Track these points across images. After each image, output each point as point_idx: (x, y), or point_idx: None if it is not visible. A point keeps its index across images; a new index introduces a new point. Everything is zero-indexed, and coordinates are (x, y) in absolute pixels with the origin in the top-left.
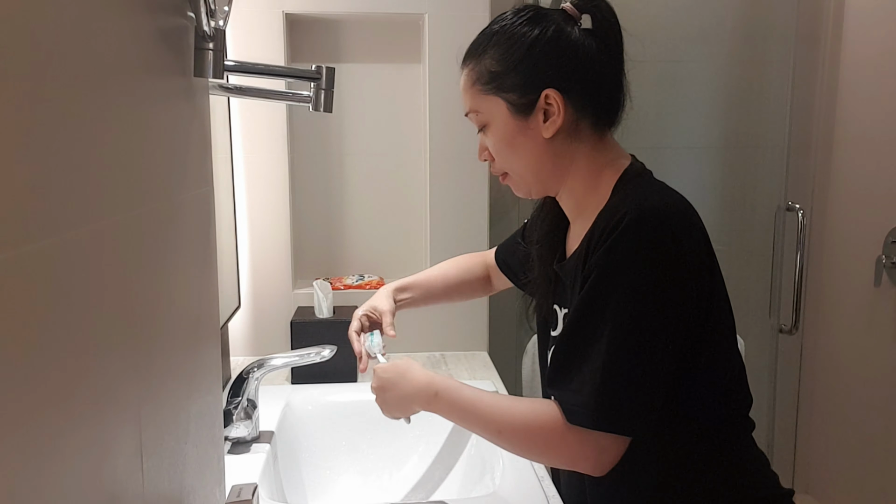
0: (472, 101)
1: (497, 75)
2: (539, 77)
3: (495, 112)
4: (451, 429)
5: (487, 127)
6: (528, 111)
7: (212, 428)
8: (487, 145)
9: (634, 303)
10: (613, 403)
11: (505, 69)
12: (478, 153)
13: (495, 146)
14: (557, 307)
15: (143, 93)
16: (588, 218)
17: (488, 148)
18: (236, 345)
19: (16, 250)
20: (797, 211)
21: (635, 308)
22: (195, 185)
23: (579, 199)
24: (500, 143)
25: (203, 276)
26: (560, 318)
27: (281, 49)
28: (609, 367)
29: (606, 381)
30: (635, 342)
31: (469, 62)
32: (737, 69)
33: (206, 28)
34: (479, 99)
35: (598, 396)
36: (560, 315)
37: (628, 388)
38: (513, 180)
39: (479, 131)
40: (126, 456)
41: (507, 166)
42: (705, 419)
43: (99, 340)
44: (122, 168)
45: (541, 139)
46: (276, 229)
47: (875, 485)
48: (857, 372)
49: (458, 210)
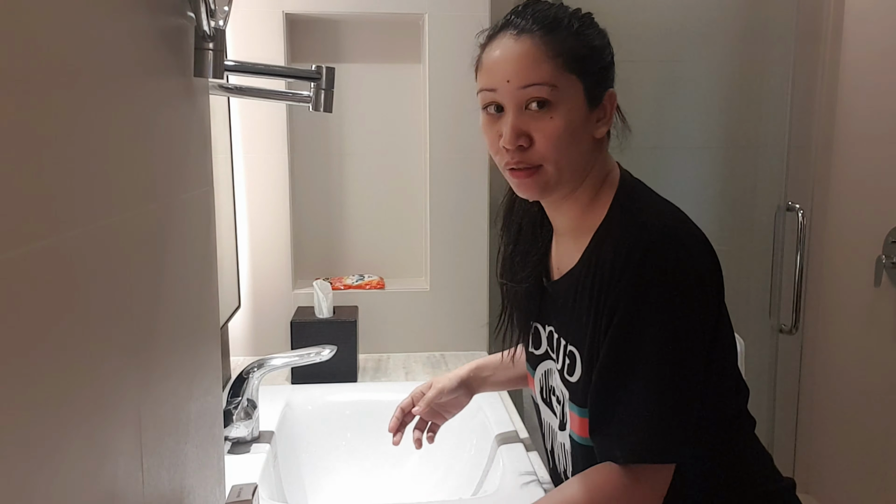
0: (552, 73)
1: (583, 58)
2: (609, 75)
3: (572, 94)
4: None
5: (554, 107)
6: (595, 104)
7: (212, 428)
8: (534, 129)
9: (670, 333)
10: (666, 434)
11: (589, 54)
12: (511, 138)
13: (555, 131)
14: (540, 325)
15: (143, 93)
16: (585, 233)
17: (531, 133)
18: (236, 345)
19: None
20: (797, 211)
21: (671, 339)
22: (195, 185)
23: (581, 211)
24: (564, 129)
25: (203, 276)
26: (544, 336)
27: (281, 49)
28: (657, 400)
29: (656, 415)
30: (676, 372)
31: (539, 32)
32: (737, 69)
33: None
34: (560, 74)
35: (651, 431)
36: (544, 333)
37: (675, 416)
38: (543, 175)
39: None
40: (126, 456)
41: (554, 156)
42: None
43: (99, 340)
44: (122, 168)
45: (590, 136)
46: (276, 229)
47: (875, 484)
48: (857, 372)
49: (458, 210)
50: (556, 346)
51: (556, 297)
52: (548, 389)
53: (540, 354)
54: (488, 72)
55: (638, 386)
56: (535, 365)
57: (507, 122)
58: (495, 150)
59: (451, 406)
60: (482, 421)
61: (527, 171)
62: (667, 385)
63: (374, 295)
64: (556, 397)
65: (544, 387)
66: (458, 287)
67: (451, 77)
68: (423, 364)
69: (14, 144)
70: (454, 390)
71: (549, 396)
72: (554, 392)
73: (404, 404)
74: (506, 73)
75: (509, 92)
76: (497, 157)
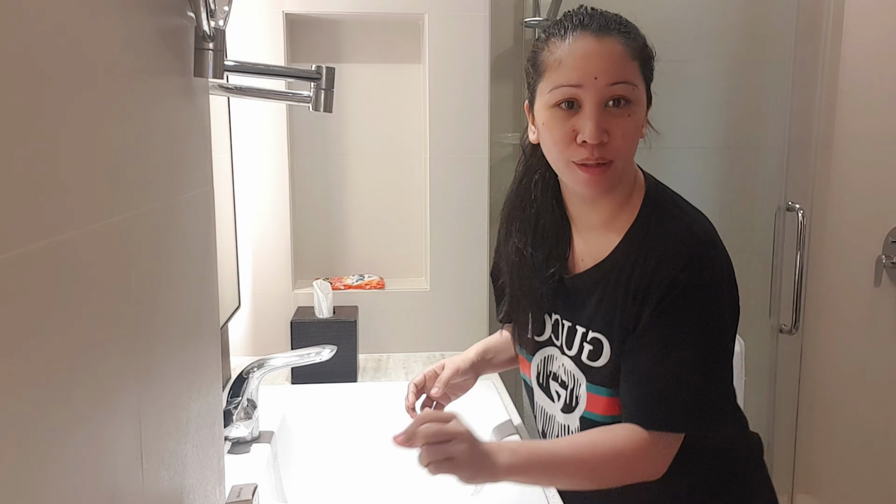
0: (634, 73)
1: (648, 60)
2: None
3: (641, 94)
4: None
5: (632, 106)
6: (649, 106)
7: (212, 428)
8: (613, 126)
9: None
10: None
11: (651, 57)
12: (596, 133)
13: (630, 129)
14: (559, 317)
15: (143, 93)
16: (616, 230)
17: (610, 129)
18: (236, 345)
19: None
20: (797, 211)
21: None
22: (195, 185)
23: (616, 208)
24: (636, 128)
25: (203, 276)
26: (549, 324)
27: (281, 49)
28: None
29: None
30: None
31: (617, 34)
32: (737, 69)
33: (206, 28)
34: (637, 75)
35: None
36: (550, 322)
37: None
38: (613, 171)
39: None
40: (126, 456)
41: (626, 154)
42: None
43: (99, 340)
44: (122, 168)
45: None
46: (276, 229)
47: (875, 485)
48: (857, 372)
49: (458, 210)
50: (567, 334)
51: (576, 289)
52: (546, 375)
53: (542, 341)
54: (572, 68)
55: (678, 363)
56: (535, 351)
57: (590, 117)
58: (565, 145)
59: (458, 388)
60: (482, 421)
61: (601, 168)
62: (703, 365)
63: (374, 295)
64: (558, 382)
65: (542, 372)
66: (458, 287)
67: (451, 77)
68: (423, 364)
69: (14, 144)
70: (467, 371)
71: (548, 382)
72: (556, 377)
73: (417, 381)
74: (594, 71)
75: (596, 88)
76: (567, 151)
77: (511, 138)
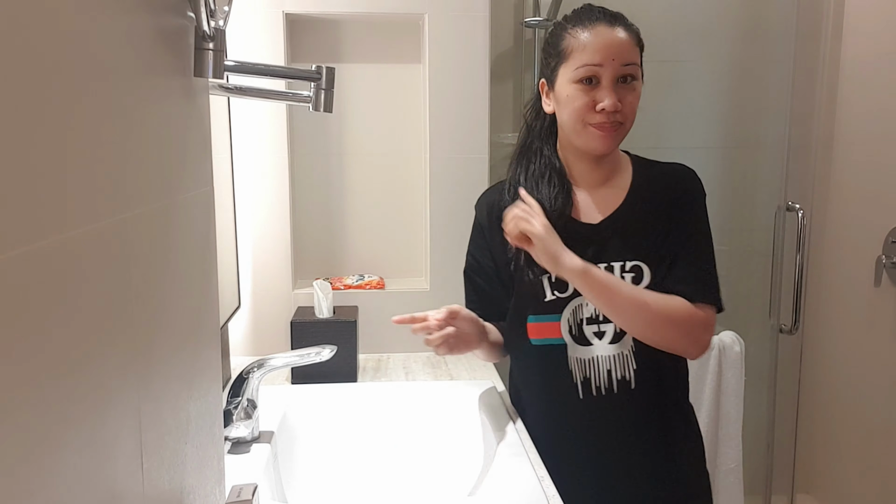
0: (636, 56)
1: (643, 48)
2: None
3: (639, 73)
4: (452, 428)
5: (637, 81)
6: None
7: (212, 428)
8: (623, 96)
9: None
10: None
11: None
12: (614, 102)
13: (635, 99)
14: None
15: (143, 93)
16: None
17: (622, 99)
18: (236, 345)
19: (16, 250)
20: (797, 211)
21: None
22: (195, 185)
23: (615, 164)
24: (637, 98)
25: (203, 276)
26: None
27: (281, 49)
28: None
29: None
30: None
31: (623, 25)
32: (737, 69)
33: (206, 28)
34: (638, 58)
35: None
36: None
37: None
38: (622, 131)
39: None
40: (126, 456)
41: (631, 118)
42: None
43: (99, 340)
44: (122, 168)
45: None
46: (276, 229)
47: (875, 485)
48: (857, 372)
49: (458, 210)
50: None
51: (600, 235)
52: (577, 324)
53: (567, 296)
54: (595, 51)
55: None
56: (562, 308)
57: (608, 90)
58: (584, 112)
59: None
60: (481, 420)
61: (614, 127)
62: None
63: (374, 295)
64: (597, 322)
65: (573, 324)
66: (458, 287)
67: (451, 77)
68: (423, 364)
69: (13, 144)
70: (476, 321)
71: (580, 330)
72: (592, 320)
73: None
74: (612, 53)
75: (614, 67)
76: (586, 116)
77: (511, 138)
